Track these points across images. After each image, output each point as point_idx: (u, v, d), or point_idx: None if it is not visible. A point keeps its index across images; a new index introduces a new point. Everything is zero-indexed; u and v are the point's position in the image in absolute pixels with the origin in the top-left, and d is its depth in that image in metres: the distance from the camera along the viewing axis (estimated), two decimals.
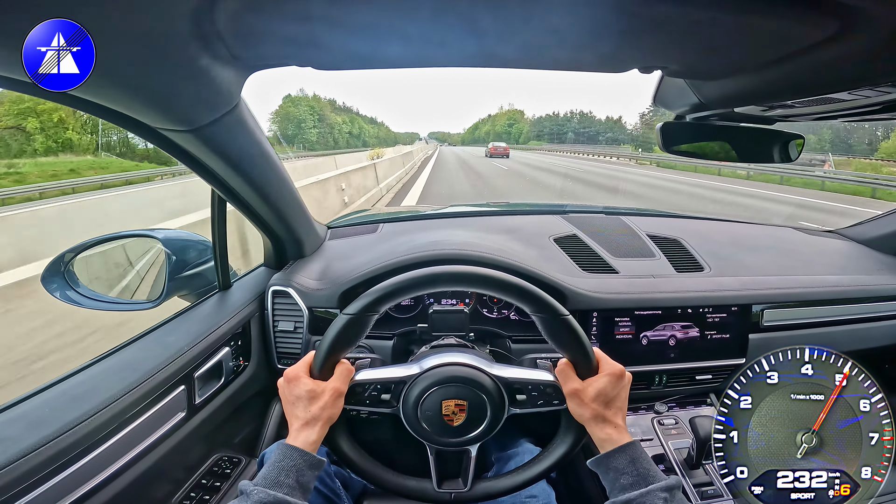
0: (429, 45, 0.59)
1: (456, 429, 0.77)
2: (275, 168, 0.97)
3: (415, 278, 0.76)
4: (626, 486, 0.67)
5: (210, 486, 1.07)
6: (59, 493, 0.69)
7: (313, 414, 0.71)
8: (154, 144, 0.71)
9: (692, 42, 0.58)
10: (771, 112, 0.84)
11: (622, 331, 1.19)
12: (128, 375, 0.85)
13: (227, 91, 0.66)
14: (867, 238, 1.55)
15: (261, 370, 1.23)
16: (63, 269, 1.06)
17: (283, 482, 0.64)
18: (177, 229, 1.20)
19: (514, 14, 0.51)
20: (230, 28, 0.51)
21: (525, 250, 1.31)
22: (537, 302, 0.75)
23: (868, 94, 0.64)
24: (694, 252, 1.38)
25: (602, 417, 0.72)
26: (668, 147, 0.94)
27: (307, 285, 1.21)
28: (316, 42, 0.57)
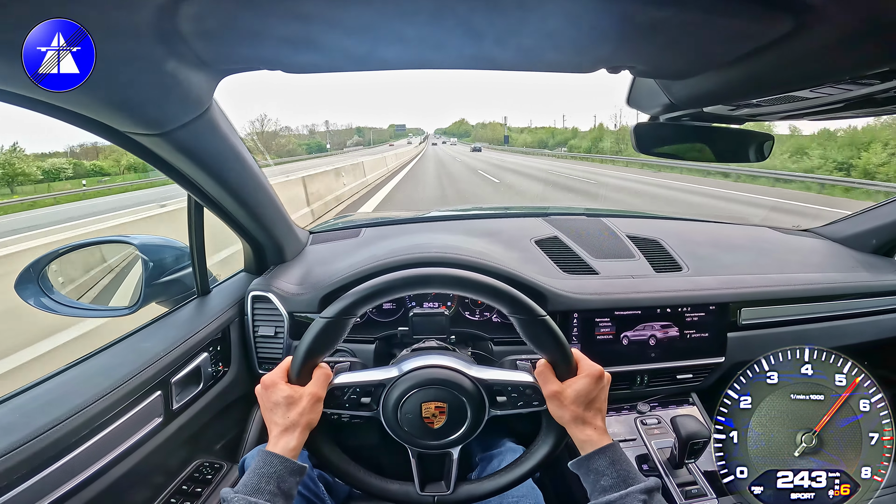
0: (401, 47, 0.60)
1: (436, 431, 0.77)
2: (251, 172, 0.97)
3: (391, 281, 0.76)
4: (607, 487, 0.67)
5: (191, 492, 1.06)
6: (30, 497, 0.69)
7: (292, 420, 0.71)
8: (122, 148, 0.70)
9: (656, 41, 0.59)
10: (739, 112, 0.86)
11: (602, 331, 1.20)
12: (101, 381, 0.84)
13: (197, 95, 0.66)
14: (842, 236, 1.58)
15: (241, 376, 1.22)
16: (37, 276, 1.05)
17: (263, 489, 0.64)
18: (153, 235, 1.18)
19: (505, 15, 0.51)
20: (194, 31, 0.51)
21: (506, 253, 1.32)
22: (514, 303, 0.76)
23: (829, 91, 0.66)
24: (672, 252, 1.40)
25: (582, 419, 0.72)
26: (642, 148, 0.95)
27: (287, 290, 1.21)
28: (283, 45, 0.58)
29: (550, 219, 1.61)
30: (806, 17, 0.48)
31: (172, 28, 0.49)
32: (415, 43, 0.58)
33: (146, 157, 0.76)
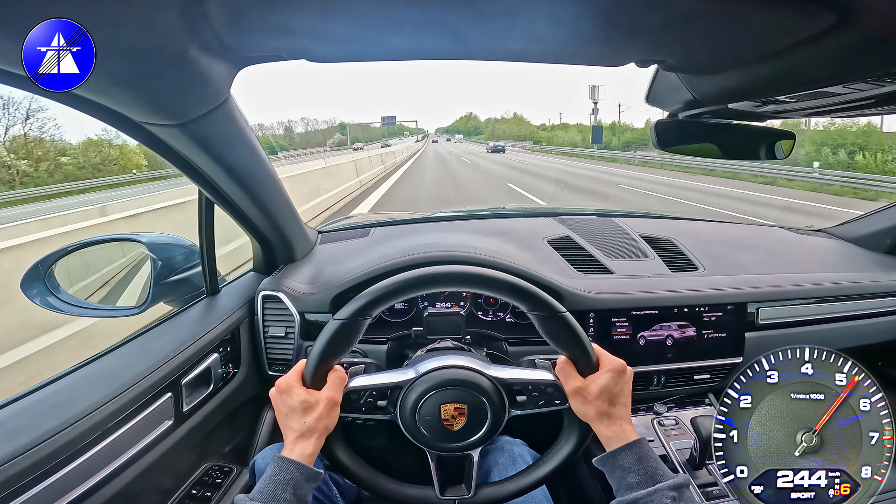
0: (431, 36, 0.58)
1: (456, 433, 0.75)
2: (264, 168, 0.95)
3: (407, 280, 0.74)
4: (633, 484, 0.66)
5: (200, 497, 1.03)
6: (38, 503, 0.66)
7: (309, 426, 0.69)
8: (136, 140, 0.69)
9: (691, 34, 0.58)
10: (763, 108, 0.85)
11: (619, 331, 1.18)
12: (111, 383, 0.82)
13: (217, 85, 0.64)
14: (855, 236, 1.57)
15: (251, 377, 1.20)
16: (44, 275, 1.03)
17: (280, 496, 0.63)
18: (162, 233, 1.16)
19: (516, 4, 0.50)
20: (221, 16, 0.50)
21: (519, 252, 1.30)
22: (534, 300, 0.74)
23: (862, 87, 0.64)
24: (687, 252, 1.38)
25: (607, 415, 0.71)
26: (663, 145, 0.94)
27: (298, 290, 1.19)
28: (311, 33, 0.56)
29: (561, 219, 1.59)
30: (850, 11, 0.46)
31: (200, 12, 0.47)
32: (445, 33, 0.57)
33: (160, 149, 0.74)
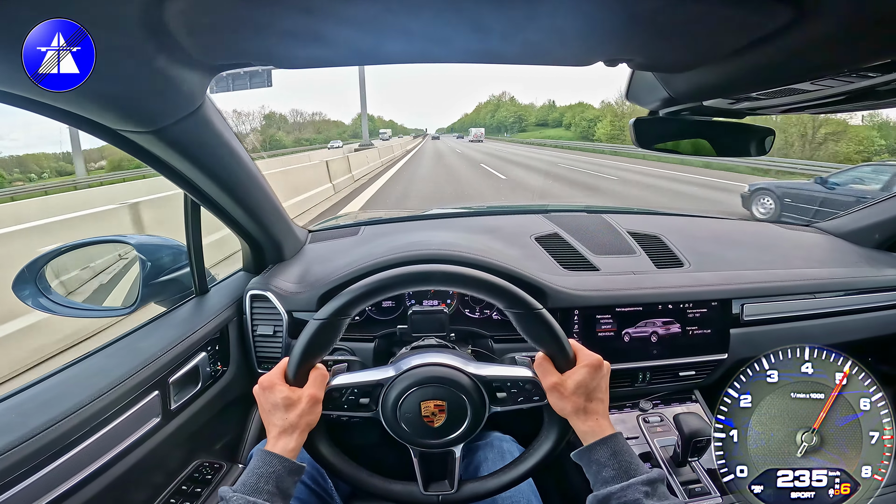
0: (398, 39, 0.59)
1: (437, 430, 0.76)
2: (247, 169, 0.96)
3: (383, 280, 0.75)
4: (608, 479, 0.67)
5: (191, 492, 1.05)
6: (28, 496, 0.68)
7: (291, 422, 0.70)
8: (114, 146, 0.70)
9: (652, 33, 0.58)
10: (738, 105, 0.85)
11: (604, 328, 1.19)
12: (98, 381, 0.84)
13: (189, 91, 0.65)
14: (844, 231, 1.57)
15: (240, 375, 1.21)
16: (35, 276, 1.05)
17: (262, 488, 0.64)
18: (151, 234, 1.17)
19: (478, 8, 0.51)
20: (182, 26, 0.50)
21: (506, 250, 1.31)
22: (509, 297, 0.75)
23: (830, 83, 0.65)
24: (674, 248, 1.39)
25: (584, 410, 0.72)
26: (642, 143, 0.94)
27: (286, 289, 1.20)
28: (281, 39, 0.56)
29: (550, 215, 1.60)
30: (804, 8, 0.47)
31: (160, 24, 0.48)
32: (420, 37, 0.57)
33: (140, 155, 0.75)
